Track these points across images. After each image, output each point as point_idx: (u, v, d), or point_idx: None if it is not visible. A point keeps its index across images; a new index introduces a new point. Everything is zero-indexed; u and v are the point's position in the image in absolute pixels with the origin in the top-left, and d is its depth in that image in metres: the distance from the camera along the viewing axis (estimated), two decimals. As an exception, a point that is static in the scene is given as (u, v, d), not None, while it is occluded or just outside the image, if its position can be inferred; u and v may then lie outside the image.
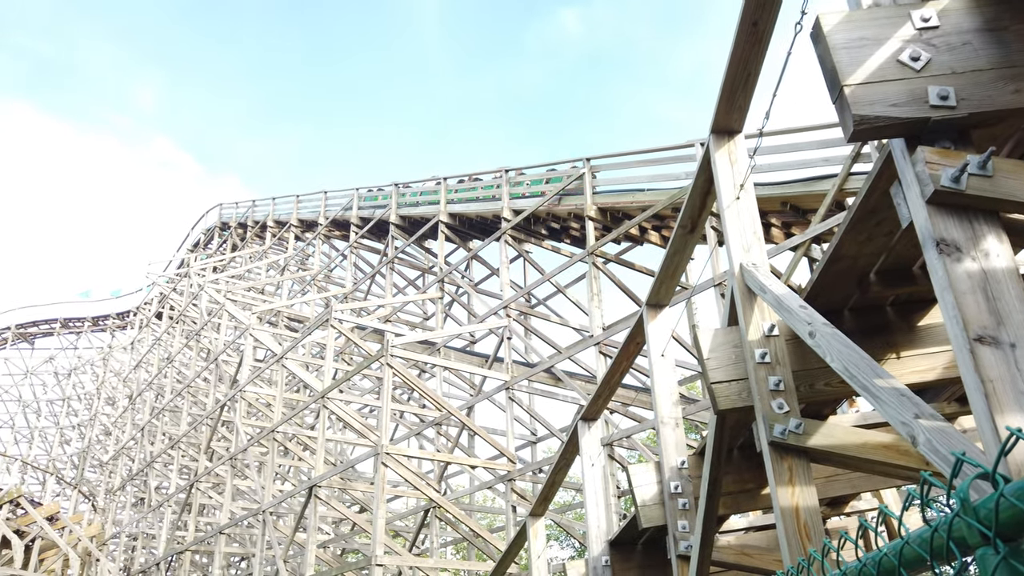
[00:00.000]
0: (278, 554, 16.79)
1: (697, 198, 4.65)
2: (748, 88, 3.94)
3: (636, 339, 5.77)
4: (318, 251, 28.01)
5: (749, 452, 5.13)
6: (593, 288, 15.67)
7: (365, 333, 21.73)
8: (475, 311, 20.66)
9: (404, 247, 23.52)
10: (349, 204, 26.66)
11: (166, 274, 36.17)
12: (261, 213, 32.52)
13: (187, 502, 22.70)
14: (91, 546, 27.22)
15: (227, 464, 20.74)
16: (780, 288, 3.54)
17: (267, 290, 29.20)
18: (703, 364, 3.83)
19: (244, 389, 20.49)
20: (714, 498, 4.43)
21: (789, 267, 12.13)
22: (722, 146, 4.25)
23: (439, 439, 20.19)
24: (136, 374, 33.10)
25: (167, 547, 23.46)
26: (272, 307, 23.75)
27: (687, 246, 5.01)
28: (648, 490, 5.31)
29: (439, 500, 15.75)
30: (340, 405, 17.27)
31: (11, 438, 39.52)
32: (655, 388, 5.22)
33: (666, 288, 5.35)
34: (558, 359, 17.05)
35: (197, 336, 26.37)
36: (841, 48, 2.50)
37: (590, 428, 6.77)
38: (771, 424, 3.47)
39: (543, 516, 8.09)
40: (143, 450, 28.54)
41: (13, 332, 42.31)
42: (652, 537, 6.27)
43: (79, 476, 36.04)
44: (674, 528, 5.00)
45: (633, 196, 15.87)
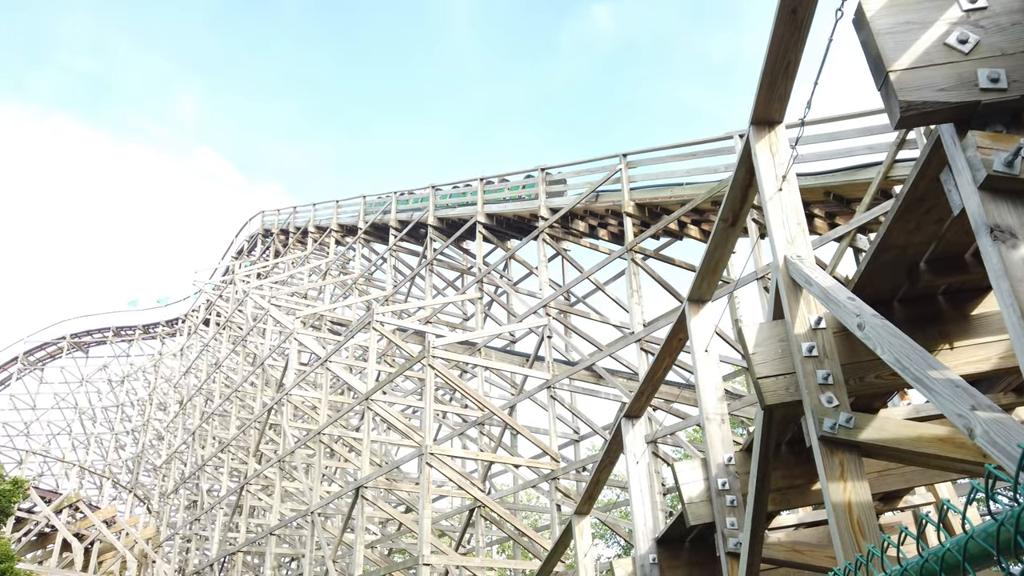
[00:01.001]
0: (327, 554, 17.04)
1: (738, 191, 4.59)
2: (788, 77, 3.88)
3: (679, 335, 5.72)
4: (358, 255, 28.35)
5: (798, 447, 5.04)
6: (633, 284, 15.57)
7: (406, 335, 21.92)
8: (514, 310, 20.69)
9: (442, 249, 23.67)
10: (387, 208, 26.93)
11: (212, 281, 36.97)
12: (302, 219, 33.05)
13: (238, 504, 23.18)
14: (147, 548, 27.99)
15: (276, 466, 21.12)
16: (827, 280, 3.47)
17: (310, 295, 29.65)
18: (749, 359, 3.77)
19: (290, 392, 20.85)
20: (763, 494, 4.36)
21: (834, 258, 11.89)
22: (763, 137, 4.18)
23: (482, 439, 20.28)
24: (186, 380, 33.92)
25: (220, 548, 23.98)
26: (315, 311, 24.11)
27: (728, 240, 4.94)
28: (695, 487, 5.25)
29: (484, 499, 15.82)
30: (384, 406, 17.46)
31: (69, 444, 40.82)
32: (699, 384, 5.17)
33: (708, 283, 5.29)
34: (599, 356, 16.98)
35: (244, 341, 26.91)
36: (885, 33, 2.44)
37: (634, 425, 6.73)
38: (820, 419, 3.41)
39: (588, 514, 8.07)
40: (194, 454, 29.24)
41: (68, 342, 43.68)
42: (699, 534, 6.21)
43: (134, 480, 37.07)
44: (722, 525, 4.95)
45: (671, 191, 15.72)
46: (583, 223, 18.93)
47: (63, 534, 25.56)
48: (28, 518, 26.06)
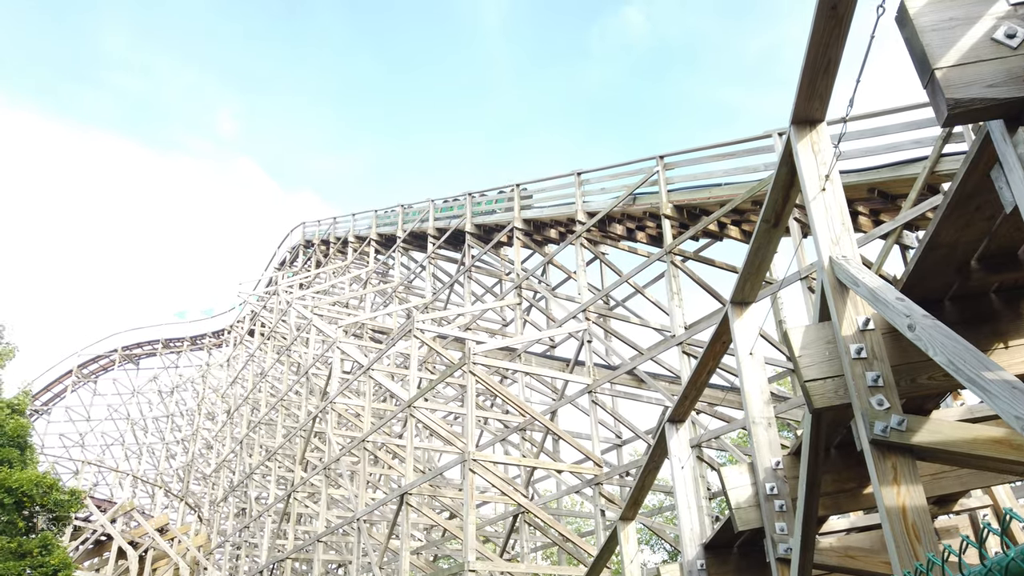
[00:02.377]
0: (374, 561, 17.21)
1: (780, 191, 4.53)
2: (829, 75, 3.82)
3: (722, 338, 5.66)
4: (397, 263, 28.65)
5: (848, 450, 4.95)
6: (673, 287, 15.44)
7: (446, 342, 22.05)
8: (553, 315, 20.68)
9: (480, 255, 23.79)
10: (425, 216, 27.17)
11: (256, 292, 37.70)
12: (342, 229, 33.53)
13: (285, 511, 23.55)
14: (199, 555, 28.59)
15: (321, 474, 21.41)
16: (874, 280, 3.41)
17: (351, 304, 30.04)
18: (795, 362, 3.72)
19: (334, 401, 21.13)
20: (813, 499, 4.29)
21: (880, 256, 11.64)
22: (804, 136, 4.13)
23: (524, 444, 20.29)
24: (233, 390, 34.63)
25: (269, 555, 24.38)
26: (357, 320, 24.42)
27: (771, 241, 4.89)
28: (742, 492, 5.19)
29: (527, 505, 15.82)
30: (426, 413, 17.59)
31: (122, 454, 41.96)
32: (744, 387, 5.11)
33: (751, 285, 5.23)
34: (640, 360, 16.86)
35: (288, 351, 27.37)
36: (929, 30, 2.41)
37: (678, 430, 6.68)
38: (871, 421, 3.35)
39: (634, 520, 8.02)
40: (242, 462, 29.80)
41: (120, 354, 44.95)
42: (748, 539, 6.13)
43: (185, 489, 37.92)
44: (771, 531, 4.88)
45: (710, 191, 15.56)
46: (620, 226, 18.84)
47: (118, 542, 26.26)
48: (85, 527, 26.83)
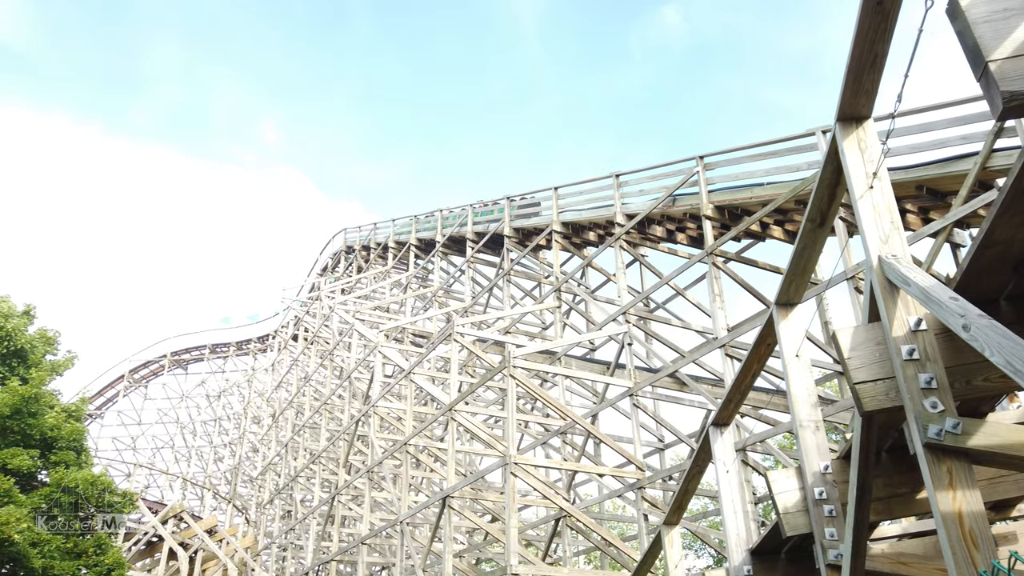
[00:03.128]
0: (417, 564, 17.31)
1: (825, 190, 4.45)
2: (875, 70, 3.74)
3: (767, 340, 5.57)
4: (437, 268, 28.85)
5: (900, 454, 4.82)
6: (715, 289, 15.25)
7: (486, 345, 22.12)
8: (593, 318, 20.59)
9: (519, 259, 23.81)
10: (464, 220, 27.31)
11: (299, 298, 38.33)
12: (382, 235, 33.90)
13: (330, 514, 23.86)
14: (246, 557, 29.12)
15: (364, 477, 21.64)
16: (926, 280, 3.33)
17: (392, 308, 30.34)
18: (844, 364, 3.65)
19: (376, 404, 21.35)
20: (864, 504, 4.20)
21: (930, 255, 11.34)
22: (850, 133, 4.05)
23: (565, 448, 20.22)
24: (277, 394, 35.23)
25: (314, 557, 24.72)
26: (398, 324, 24.65)
27: (817, 241, 4.79)
28: (790, 497, 5.09)
29: (569, 509, 15.76)
30: (467, 417, 17.66)
31: (172, 457, 43.01)
32: (791, 390, 5.02)
33: (796, 286, 5.14)
34: (682, 363, 16.68)
35: (331, 355, 27.75)
36: (982, 22, 2.34)
37: (722, 434, 6.59)
38: (925, 425, 3.26)
39: (678, 524, 7.93)
40: (287, 465, 30.29)
41: (169, 359, 46.11)
42: (796, 545, 6.01)
43: (232, 491, 38.70)
44: (821, 536, 4.78)
45: (752, 191, 15.34)
46: (660, 228, 18.68)
47: (169, 543, 26.91)
48: (137, 528, 27.55)
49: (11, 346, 15.73)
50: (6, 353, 15.77)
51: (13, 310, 15.96)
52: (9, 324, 15.62)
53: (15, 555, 13.17)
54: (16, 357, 15.95)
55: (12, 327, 15.69)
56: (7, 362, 15.86)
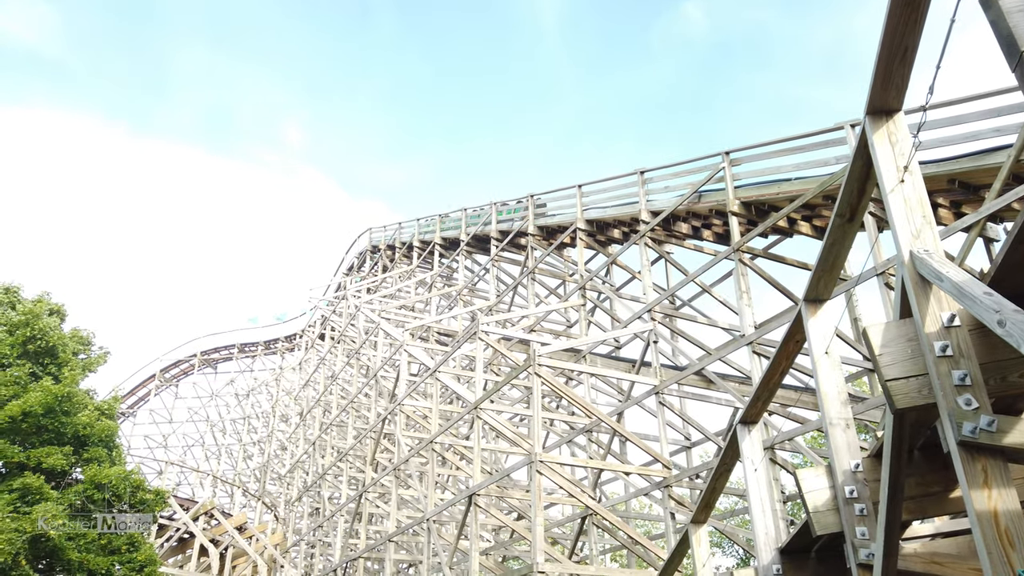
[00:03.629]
0: (444, 561, 17.39)
1: (855, 184, 4.39)
2: (906, 63, 3.68)
3: (795, 337, 5.50)
4: (461, 266, 28.93)
5: (932, 452, 4.74)
6: (741, 285, 15.11)
7: (511, 344, 22.13)
8: (618, 316, 20.50)
9: (543, 257, 23.79)
10: (488, 219, 27.35)
11: (326, 297, 38.67)
12: (407, 234, 34.07)
13: (357, 511, 24.05)
14: (276, 553, 29.45)
15: (391, 474, 21.77)
16: (959, 275, 3.27)
17: (417, 307, 30.48)
18: (875, 361, 3.60)
19: (402, 403, 21.47)
20: (896, 503, 4.14)
21: (962, 250, 11.12)
22: (880, 127, 3.99)
23: (591, 446, 20.17)
24: (305, 392, 35.58)
25: (342, 554, 24.94)
26: (423, 323, 24.76)
27: (846, 236, 4.73)
28: (820, 495, 5.03)
29: (595, 507, 15.72)
30: (492, 415, 17.69)
31: (203, 455, 43.66)
32: (820, 388, 4.96)
33: (825, 282, 5.07)
34: (708, 361, 16.56)
35: (357, 354, 27.96)
36: (1016, 11, 2.29)
37: (750, 432, 6.53)
38: (959, 422, 3.20)
39: (705, 523, 7.87)
40: (315, 463, 30.59)
41: (199, 359, 46.79)
42: (826, 544, 5.94)
43: (261, 488, 39.17)
44: (852, 535, 4.72)
45: (779, 187, 15.17)
46: (686, 225, 18.55)
47: (200, 540, 27.26)
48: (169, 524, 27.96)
49: (43, 344, 16.04)
50: (38, 351, 16.09)
51: (44, 308, 16.27)
52: (41, 323, 15.94)
53: (52, 549, 13.46)
54: (48, 355, 16.27)
55: (44, 325, 16.00)
56: (40, 360, 16.18)
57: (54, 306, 16.73)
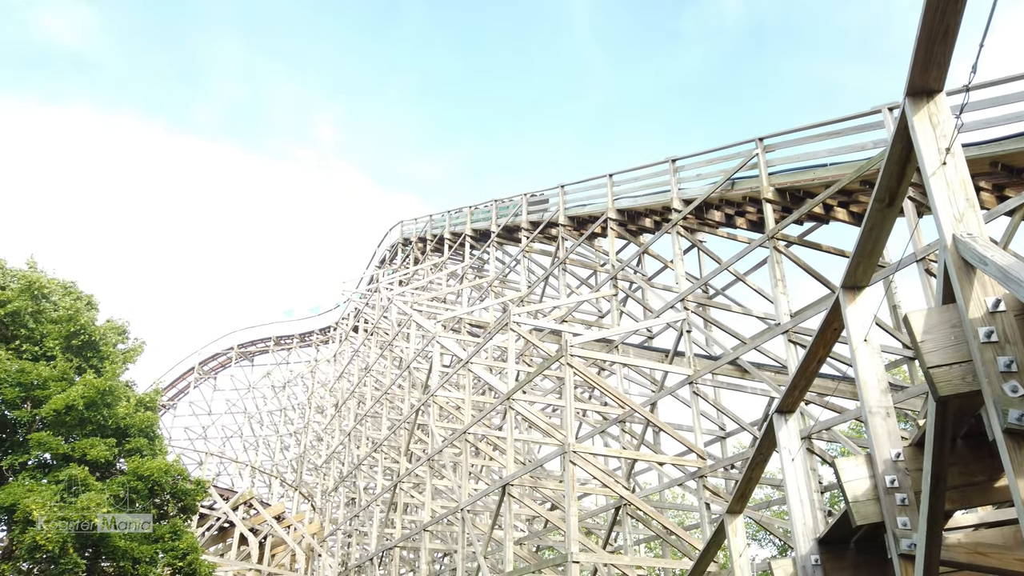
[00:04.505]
0: (478, 550, 17.51)
1: (894, 168, 4.29)
2: (947, 42, 3.58)
3: (833, 325, 5.41)
4: (492, 258, 28.95)
5: (976, 440, 4.64)
6: (776, 273, 14.89)
7: (543, 334, 22.13)
8: (651, 306, 20.36)
9: (574, 247, 23.71)
10: (518, 210, 27.32)
11: (359, 290, 39.03)
12: (438, 226, 34.20)
13: (392, 501, 24.32)
14: (313, 542, 29.93)
15: (425, 465, 21.96)
16: (1005, 258, 3.18)
17: (448, 299, 30.62)
18: (917, 348, 3.52)
19: (435, 394, 21.61)
20: (939, 492, 4.05)
21: (1006, 234, 10.83)
22: (920, 108, 3.89)
23: (624, 436, 20.11)
24: (339, 384, 36.02)
25: (378, 543, 25.25)
26: (454, 315, 24.87)
27: (885, 221, 4.63)
28: (859, 485, 4.95)
29: (629, 497, 15.69)
30: (525, 405, 17.72)
31: (241, 446, 44.47)
32: (860, 376, 4.87)
33: (864, 268, 4.97)
34: (743, 350, 16.38)
35: (390, 346, 28.20)
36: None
37: (787, 421, 6.44)
38: (1005, 410, 3.12)
39: (741, 513, 7.80)
40: (350, 453, 30.97)
41: (236, 351, 47.60)
42: (865, 535, 5.85)
43: (298, 479, 39.80)
44: (893, 525, 4.64)
45: (814, 173, 14.90)
46: (719, 213, 18.33)
47: (240, 529, 27.85)
48: (210, 514, 28.59)
49: (86, 338, 16.45)
50: (81, 345, 16.51)
51: (82, 302, 16.66)
52: (83, 317, 16.34)
53: (98, 538, 13.84)
54: (90, 348, 16.68)
55: (85, 320, 16.41)
56: (83, 353, 16.60)
57: (88, 298, 17.10)
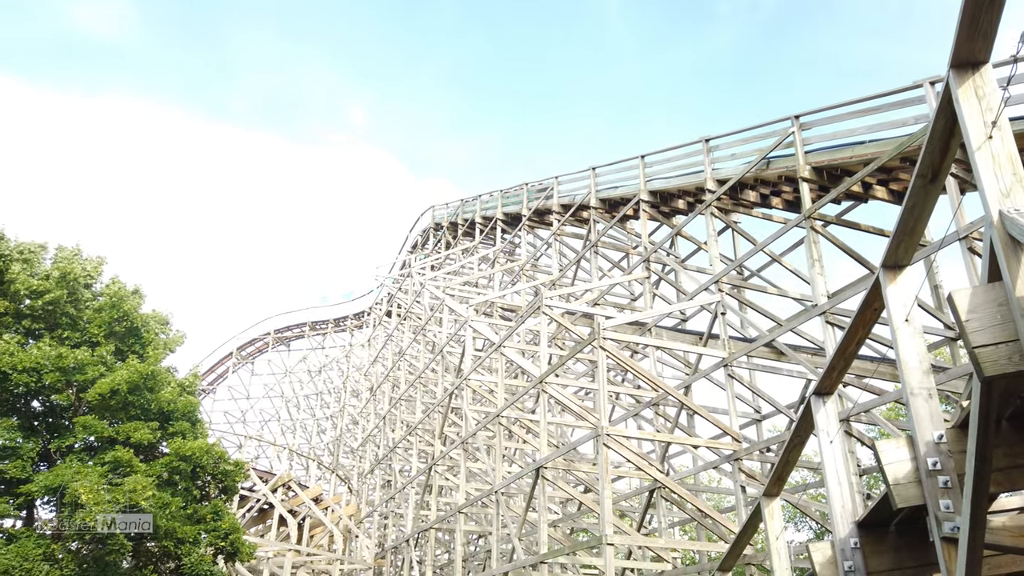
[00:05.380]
0: (512, 532, 17.64)
1: (937, 143, 4.17)
2: (994, 10, 3.45)
3: (873, 305, 5.30)
4: (524, 242, 28.93)
5: (1021, 422, 4.53)
6: (813, 254, 14.65)
7: (575, 318, 22.08)
8: (684, 288, 20.19)
9: (606, 230, 23.57)
10: (549, 193, 27.23)
11: (391, 275, 39.34)
12: (469, 211, 34.25)
13: (427, 484, 24.60)
14: (350, 524, 30.44)
15: (459, 448, 22.15)
16: (1055, 234, 3.08)
17: (480, 283, 30.70)
18: (962, 327, 3.43)
19: (468, 377, 21.74)
20: (983, 475, 3.96)
21: (1054, 210, 10.48)
22: (965, 80, 3.77)
23: (657, 419, 20.04)
24: (374, 368, 36.43)
25: (414, 525, 25.59)
26: (486, 299, 24.93)
27: (928, 198, 4.50)
28: (901, 468, 4.86)
29: (663, 480, 15.66)
30: (557, 389, 17.74)
31: (279, 429, 45.29)
32: (901, 357, 4.77)
33: (905, 247, 4.85)
34: (779, 332, 16.17)
35: (423, 330, 28.41)
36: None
37: (825, 403, 6.35)
38: (1054, 390, 3.04)
39: (778, 496, 7.73)
40: (386, 437, 31.37)
41: (273, 337, 48.37)
42: (906, 518, 5.76)
43: (335, 461, 40.44)
44: (935, 508, 4.55)
45: (852, 150, 14.58)
46: (754, 193, 18.06)
47: (279, 510, 28.40)
48: (249, 496, 29.20)
49: (129, 325, 16.85)
50: (124, 332, 16.91)
51: (126, 291, 17.06)
52: (126, 304, 16.73)
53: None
54: (133, 335, 17.09)
55: (129, 308, 16.80)
56: (126, 340, 17.01)
57: (135, 287, 17.51)
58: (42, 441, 15.46)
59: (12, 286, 15.78)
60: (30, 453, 14.87)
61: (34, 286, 15.96)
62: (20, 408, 15.77)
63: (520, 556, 17.18)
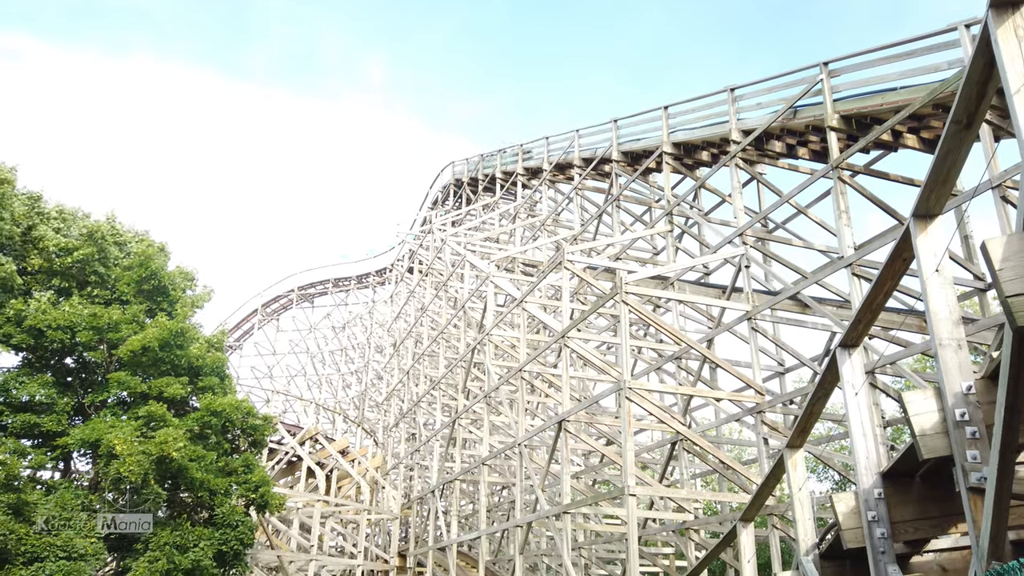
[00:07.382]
0: (536, 484, 17.92)
1: (974, 87, 4.02)
2: (1039, -56, 3.29)
3: (902, 255, 5.20)
4: (544, 196, 28.71)
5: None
6: (840, 205, 14.39)
7: (597, 272, 22.01)
8: (707, 241, 19.99)
9: (628, 183, 23.29)
10: (570, 147, 26.88)
11: (413, 232, 39.37)
12: (489, 166, 33.99)
13: (451, 436, 24.98)
14: (377, 476, 31.10)
15: (482, 402, 22.41)
16: (1096, 179, 2.97)
17: (501, 238, 30.63)
18: (995, 276, 3.36)
19: (490, 333, 21.87)
20: (1012, 425, 3.92)
21: (1093, 156, 10.17)
22: (1005, 19, 3.62)
23: (680, 373, 20.08)
24: (397, 324, 36.75)
25: (439, 477, 26.09)
26: (507, 254, 24.90)
27: (962, 144, 4.37)
28: (928, 419, 4.83)
29: (686, 433, 15.75)
30: (579, 343, 17.80)
31: (305, 384, 46.07)
32: (930, 307, 4.70)
33: (937, 196, 4.73)
34: (804, 285, 16.01)
35: (445, 286, 28.52)
36: None
37: (851, 355, 6.30)
38: (1090, 339, 2.97)
39: (801, 448, 7.75)
40: (410, 391, 31.80)
41: (297, 294, 48.86)
42: (931, 468, 5.75)
43: (360, 415, 41.15)
44: (962, 459, 4.53)
45: (882, 97, 14.19)
46: (780, 143, 17.69)
47: (307, 463, 29.04)
48: (278, 449, 29.87)
49: (156, 283, 17.09)
50: (152, 290, 17.16)
51: (154, 248, 17.24)
52: (154, 263, 16.94)
53: (176, 470, 14.66)
54: (161, 293, 17.34)
55: (156, 266, 17.01)
56: (154, 298, 17.27)
57: (161, 245, 17.69)
58: (76, 396, 15.87)
59: (42, 242, 16.03)
60: (65, 408, 15.29)
61: (63, 244, 16.19)
62: (54, 364, 16.16)
63: (544, 506, 17.47)
